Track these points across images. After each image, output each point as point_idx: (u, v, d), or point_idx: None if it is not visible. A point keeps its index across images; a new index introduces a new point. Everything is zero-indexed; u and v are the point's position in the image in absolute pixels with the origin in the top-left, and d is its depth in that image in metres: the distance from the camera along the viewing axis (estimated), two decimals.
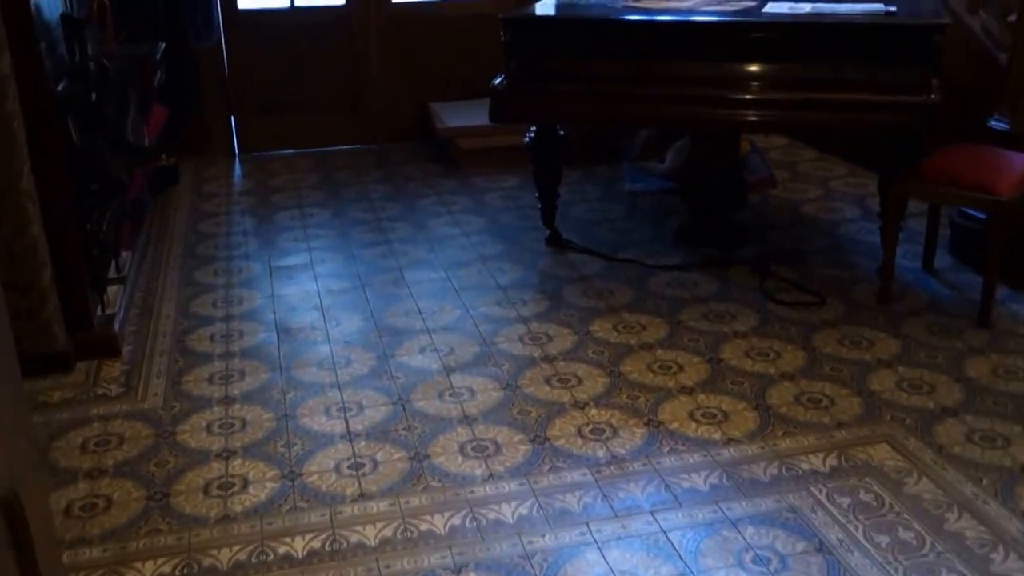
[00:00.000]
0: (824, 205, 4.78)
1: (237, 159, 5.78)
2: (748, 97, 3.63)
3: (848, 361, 3.28)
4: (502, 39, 3.89)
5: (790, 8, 3.79)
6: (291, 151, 5.83)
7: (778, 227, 4.51)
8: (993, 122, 3.94)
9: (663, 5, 4.03)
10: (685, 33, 3.75)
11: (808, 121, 3.68)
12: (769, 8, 3.82)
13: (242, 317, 3.76)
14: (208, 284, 4.07)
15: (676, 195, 4.74)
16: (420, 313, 3.74)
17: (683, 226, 4.35)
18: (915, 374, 3.19)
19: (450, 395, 3.15)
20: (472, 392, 3.16)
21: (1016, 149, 3.77)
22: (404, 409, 3.07)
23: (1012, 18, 4.25)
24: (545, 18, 4.02)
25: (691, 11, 3.90)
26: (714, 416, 2.98)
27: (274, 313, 3.78)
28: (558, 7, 4.20)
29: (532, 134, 4.18)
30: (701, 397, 3.09)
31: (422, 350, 3.45)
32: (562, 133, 4.19)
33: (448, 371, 3.30)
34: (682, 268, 4.06)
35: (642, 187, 5.05)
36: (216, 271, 4.20)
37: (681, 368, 3.27)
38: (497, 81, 3.90)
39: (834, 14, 3.66)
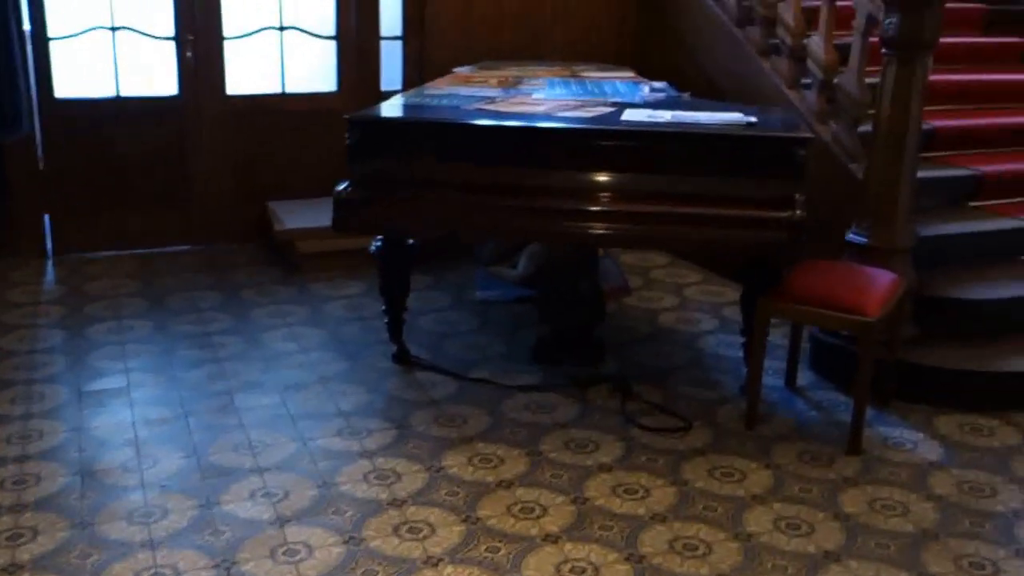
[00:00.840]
0: (681, 315, 4.62)
1: (50, 261, 5.20)
2: (604, 210, 3.41)
3: (721, 497, 3.04)
4: (347, 142, 3.57)
5: (649, 116, 3.64)
6: (112, 253, 5.28)
7: (636, 340, 4.31)
8: (851, 235, 3.88)
9: (517, 108, 3.83)
10: (538, 139, 3.53)
11: (667, 236, 3.47)
12: (627, 115, 3.66)
13: (40, 457, 3.22)
14: (2, 415, 3.51)
15: (531, 304, 4.49)
16: (251, 447, 3.30)
17: (539, 341, 4.08)
18: (792, 511, 2.98)
19: (284, 553, 2.72)
20: (309, 549, 2.74)
21: (875, 263, 3.71)
22: (229, 574, 2.62)
23: (863, 128, 4.26)
24: (393, 120, 3.75)
25: (546, 115, 3.71)
26: (584, 571, 2.66)
27: (79, 451, 3.26)
28: (407, 108, 3.94)
29: (378, 243, 3.86)
30: (568, 547, 2.77)
31: (252, 495, 3.01)
32: (412, 242, 3.89)
33: (282, 521, 2.87)
34: (539, 389, 3.78)
35: (494, 295, 4.79)
36: (13, 398, 3.64)
37: (545, 510, 2.95)
38: (342, 187, 3.57)
39: (695, 124, 3.52)
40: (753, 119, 3.52)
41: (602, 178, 3.42)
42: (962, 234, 4.17)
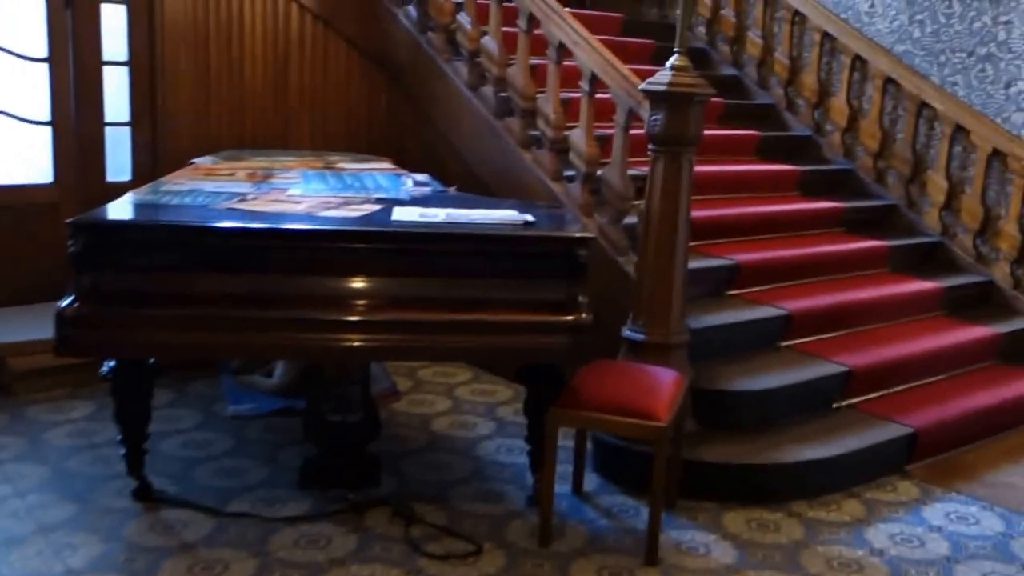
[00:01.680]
0: (456, 419, 4.35)
1: None
2: (376, 320, 3.08)
3: None
4: (71, 249, 3.04)
5: (421, 215, 3.38)
6: None
7: (412, 452, 3.99)
8: (628, 332, 3.79)
9: (274, 207, 3.45)
10: (302, 243, 3.16)
11: (445, 347, 3.17)
12: (398, 214, 3.39)
13: None
14: None
15: (294, 417, 4.06)
16: None
17: (306, 462, 3.66)
18: None
19: None
20: None
21: (654, 359, 3.63)
22: None
23: (630, 221, 4.23)
24: (125, 224, 3.26)
25: (309, 215, 3.35)
26: None
27: None
28: (141, 208, 3.45)
29: (111, 363, 3.32)
30: None
31: None
32: (152, 361, 3.38)
33: None
34: (310, 519, 3.35)
35: (249, 409, 4.31)
36: None
37: None
38: (66, 303, 3.02)
39: (471, 223, 3.30)
40: (530, 217, 3.35)
41: (374, 285, 3.11)
42: (725, 324, 4.20)
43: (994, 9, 5.24)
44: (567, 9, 4.60)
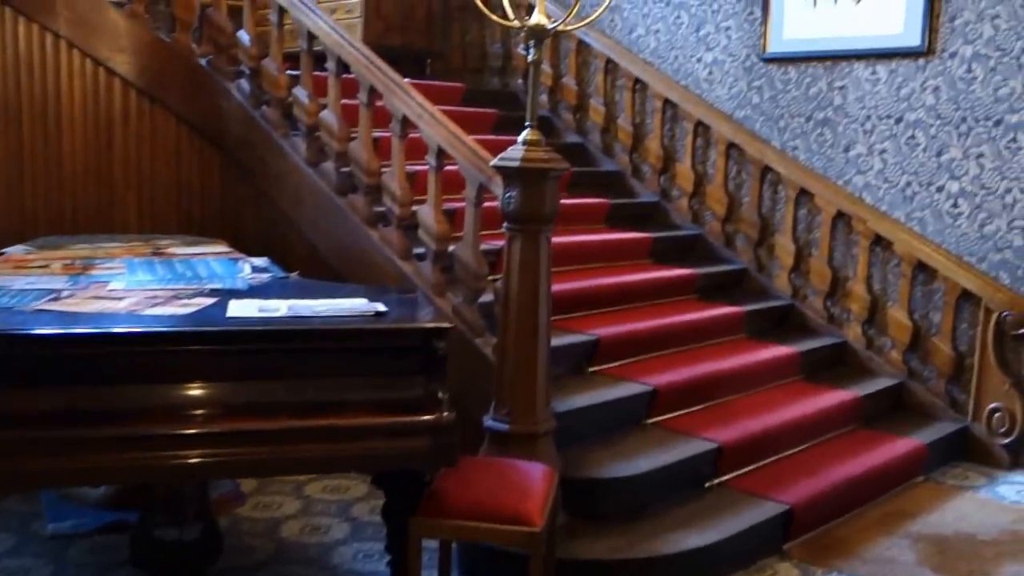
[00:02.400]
0: (306, 523, 3.99)
1: None
2: (212, 432, 2.70)
3: None
4: None
5: (260, 309, 3.05)
6: None
7: (259, 567, 3.60)
8: (490, 422, 3.55)
9: (91, 306, 3.05)
10: (112, 348, 2.75)
11: (292, 459, 2.79)
12: (234, 309, 3.04)
13: None
14: None
15: (123, 532, 3.61)
16: None
17: None
18: None
19: None
20: None
21: (519, 451, 3.40)
22: None
23: (486, 299, 4.03)
24: None
25: (130, 313, 2.98)
26: None
27: None
28: None
29: None
30: None
31: None
32: None
33: None
34: None
35: (72, 526, 3.82)
36: None
37: None
38: None
39: (316, 317, 2.99)
40: (381, 307, 3.08)
41: (209, 392, 2.75)
42: (591, 405, 4.02)
43: (829, 75, 5.37)
44: (406, 80, 4.41)
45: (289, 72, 4.84)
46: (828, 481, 4.02)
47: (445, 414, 2.84)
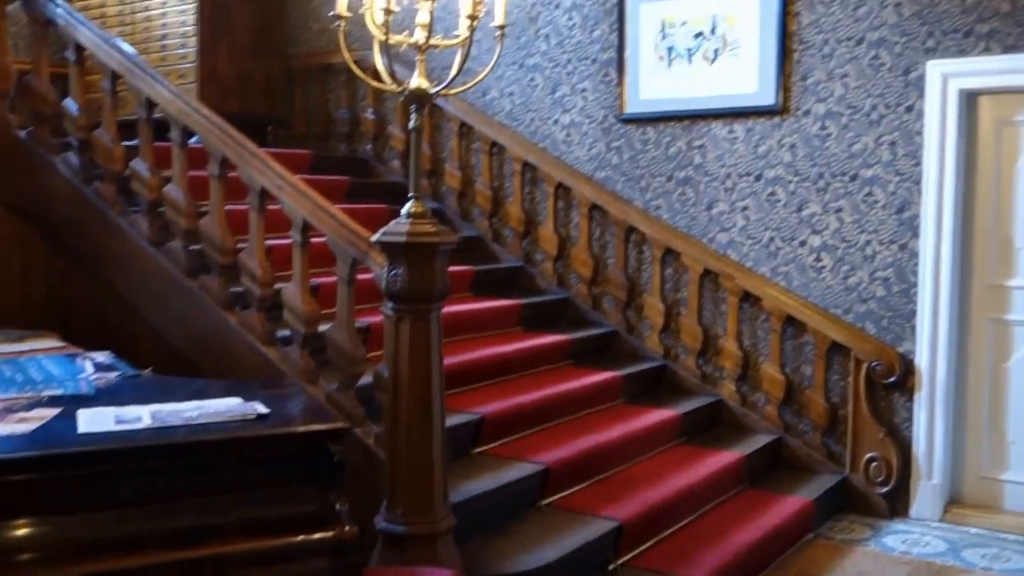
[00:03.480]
0: None
1: None
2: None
3: None
4: None
5: (117, 419, 2.63)
6: None
7: None
8: (384, 524, 3.22)
9: None
10: None
11: None
12: (86, 423, 2.60)
13: None
14: None
15: None
16: None
17: None
18: None
19: None
20: None
21: (418, 554, 3.09)
22: None
23: (363, 382, 3.71)
24: None
25: None
26: None
27: None
28: None
29: None
30: None
31: None
32: None
33: None
34: None
35: None
36: None
37: None
38: None
39: (185, 426, 2.60)
40: (261, 407, 2.72)
41: (63, 526, 2.32)
42: (484, 492, 3.74)
43: (687, 135, 5.37)
44: None
45: (125, 143, 4.40)
46: (731, 550, 3.88)
47: (347, 529, 2.51)
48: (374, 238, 3.22)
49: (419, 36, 3.23)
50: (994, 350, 4.77)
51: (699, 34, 5.29)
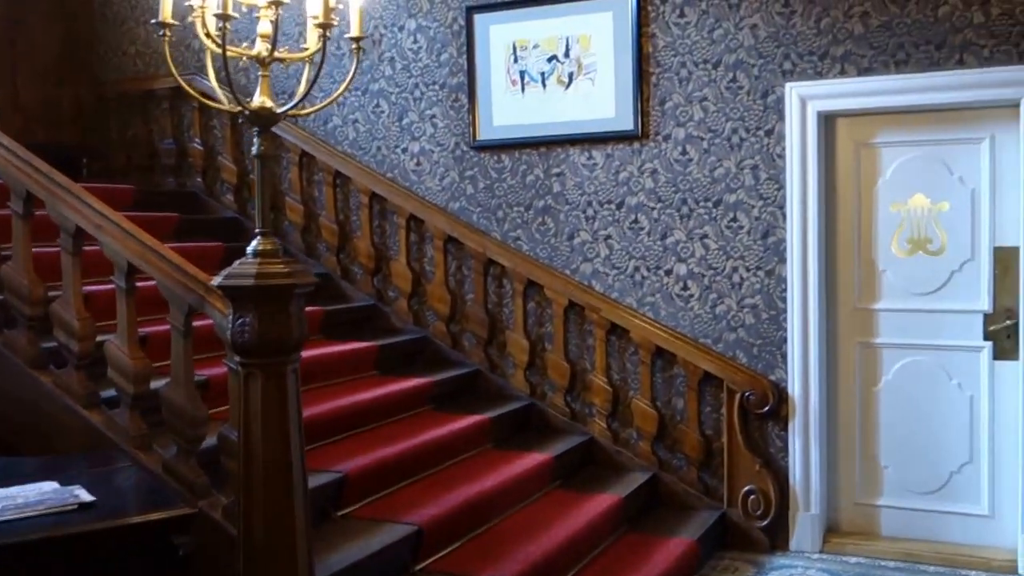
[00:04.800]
0: None
1: None
2: None
3: None
4: None
5: None
6: None
7: None
8: None
9: None
10: None
11: None
12: None
13: None
14: None
15: None
16: None
17: None
18: None
19: None
20: None
21: None
22: None
23: (206, 445, 3.23)
24: None
25: None
26: None
27: None
28: None
29: None
30: None
31: None
32: None
33: None
34: None
35: None
36: None
37: None
38: None
39: None
40: (85, 494, 2.23)
41: None
42: (353, 564, 3.31)
43: (544, 162, 5.13)
44: None
45: None
46: None
47: None
48: (215, 281, 2.77)
49: (260, 48, 2.82)
50: (863, 375, 4.72)
51: (552, 57, 5.07)
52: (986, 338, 4.47)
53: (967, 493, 4.55)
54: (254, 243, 2.77)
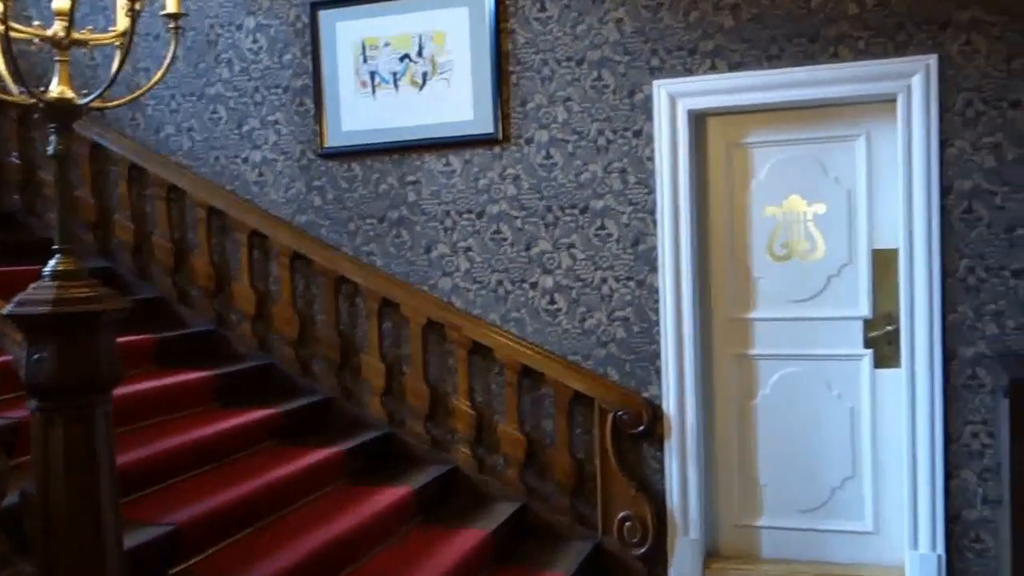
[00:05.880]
0: None
1: None
2: None
3: None
4: None
5: None
6: None
7: None
8: None
9: None
10: None
11: None
12: None
13: None
14: None
15: None
16: None
17: None
18: None
19: None
20: None
21: None
22: None
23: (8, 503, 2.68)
24: None
25: None
26: None
27: None
28: None
29: None
30: None
31: None
32: None
33: None
34: None
35: None
36: None
37: None
38: None
39: None
40: None
41: None
42: None
43: (398, 169, 4.73)
44: None
45: None
46: None
47: None
48: (6, 310, 2.26)
49: (57, 28, 2.38)
50: (740, 388, 4.47)
51: (405, 56, 4.69)
52: (866, 345, 4.28)
53: (850, 509, 4.34)
54: (52, 263, 2.29)
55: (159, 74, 2.62)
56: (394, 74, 4.71)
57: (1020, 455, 3.31)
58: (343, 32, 4.77)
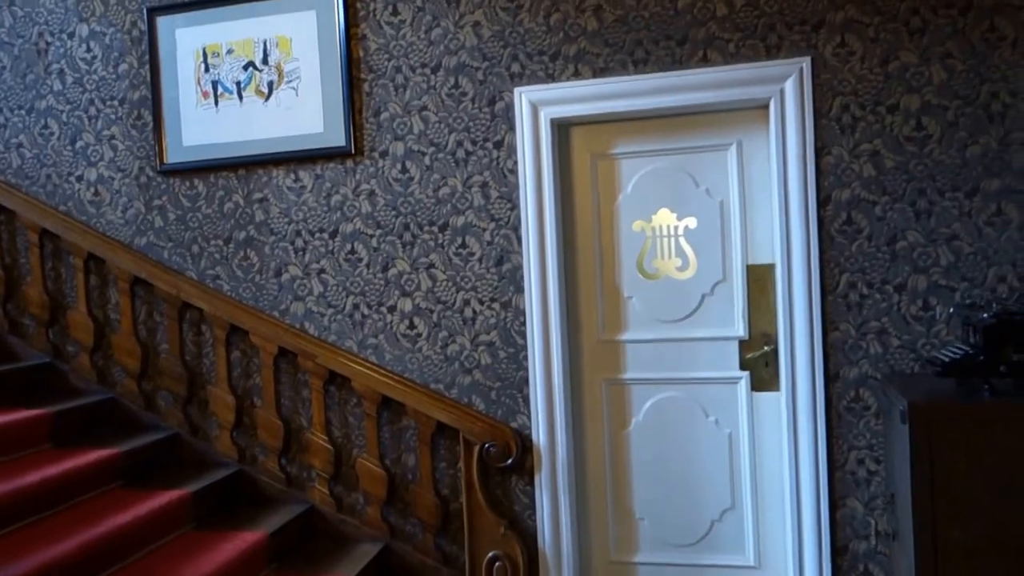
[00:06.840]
0: None
1: None
2: None
3: None
4: None
5: None
6: None
7: None
8: None
9: None
10: None
11: None
12: None
13: None
14: None
15: None
16: None
17: None
18: None
19: None
20: None
21: None
22: None
23: None
24: None
25: None
26: None
27: None
28: None
29: None
30: None
31: None
32: None
33: None
34: None
35: None
36: None
37: None
38: None
39: None
40: None
41: None
42: None
43: (244, 186, 4.36)
44: None
45: None
46: None
47: None
48: None
49: None
50: (612, 416, 4.18)
51: (249, 64, 4.32)
52: (743, 367, 4.03)
53: (731, 543, 4.08)
54: None
55: None
56: (238, 83, 4.34)
57: (922, 486, 3.05)
58: (183, 39, 4.39)
